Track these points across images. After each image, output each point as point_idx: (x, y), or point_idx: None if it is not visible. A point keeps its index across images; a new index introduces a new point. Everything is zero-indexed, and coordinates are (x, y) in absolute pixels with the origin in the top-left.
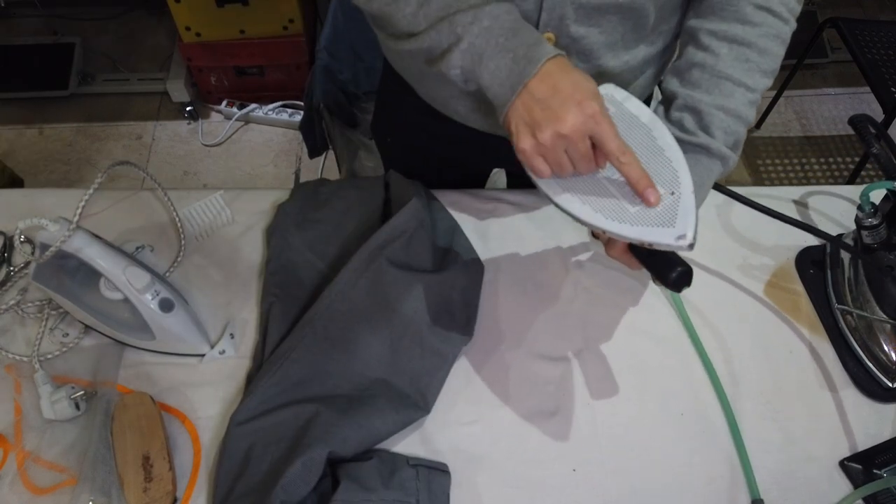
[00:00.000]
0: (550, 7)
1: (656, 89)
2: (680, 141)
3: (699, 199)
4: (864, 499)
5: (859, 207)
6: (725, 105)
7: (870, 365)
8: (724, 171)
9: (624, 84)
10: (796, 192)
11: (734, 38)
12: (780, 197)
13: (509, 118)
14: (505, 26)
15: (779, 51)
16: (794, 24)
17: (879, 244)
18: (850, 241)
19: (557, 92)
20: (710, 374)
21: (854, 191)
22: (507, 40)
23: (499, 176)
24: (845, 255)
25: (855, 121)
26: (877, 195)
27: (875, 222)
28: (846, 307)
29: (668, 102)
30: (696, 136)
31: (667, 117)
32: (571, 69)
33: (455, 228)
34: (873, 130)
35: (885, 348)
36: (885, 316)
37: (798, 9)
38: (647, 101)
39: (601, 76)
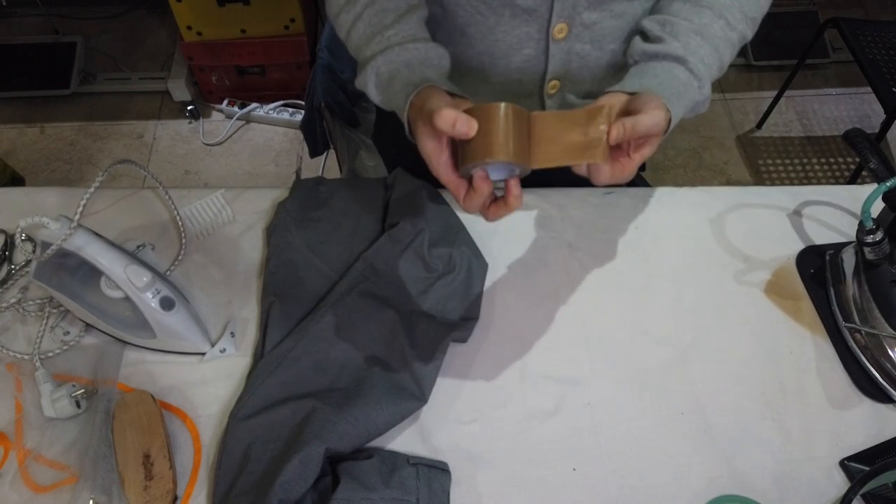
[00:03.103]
0: None
1: None
2: (635, 62)
3: (676, 111)
4: (863, 497)
5: (860, 224)
6: (704, 31)
7: (884, 384)
8: (696, 80)
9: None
10: (797, 191)
11: None
12: (781, 196)
13: None
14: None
15: (764, 1)
16: None
17: (882, 259)
18: (851, 255)
19: None
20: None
21: (854, 190)
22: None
23: None
24: (848, 271)
25: (850, 136)
26: (877, 209)
27: (877, 238)
28: (854, 325)
29: (640, 36)
30: (647, 47)
31: (629, 53)
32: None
33: (459, 226)
34: (868, 144)
35: None
36: (894, 332)
37: None
38: None
39: (614, 63)
